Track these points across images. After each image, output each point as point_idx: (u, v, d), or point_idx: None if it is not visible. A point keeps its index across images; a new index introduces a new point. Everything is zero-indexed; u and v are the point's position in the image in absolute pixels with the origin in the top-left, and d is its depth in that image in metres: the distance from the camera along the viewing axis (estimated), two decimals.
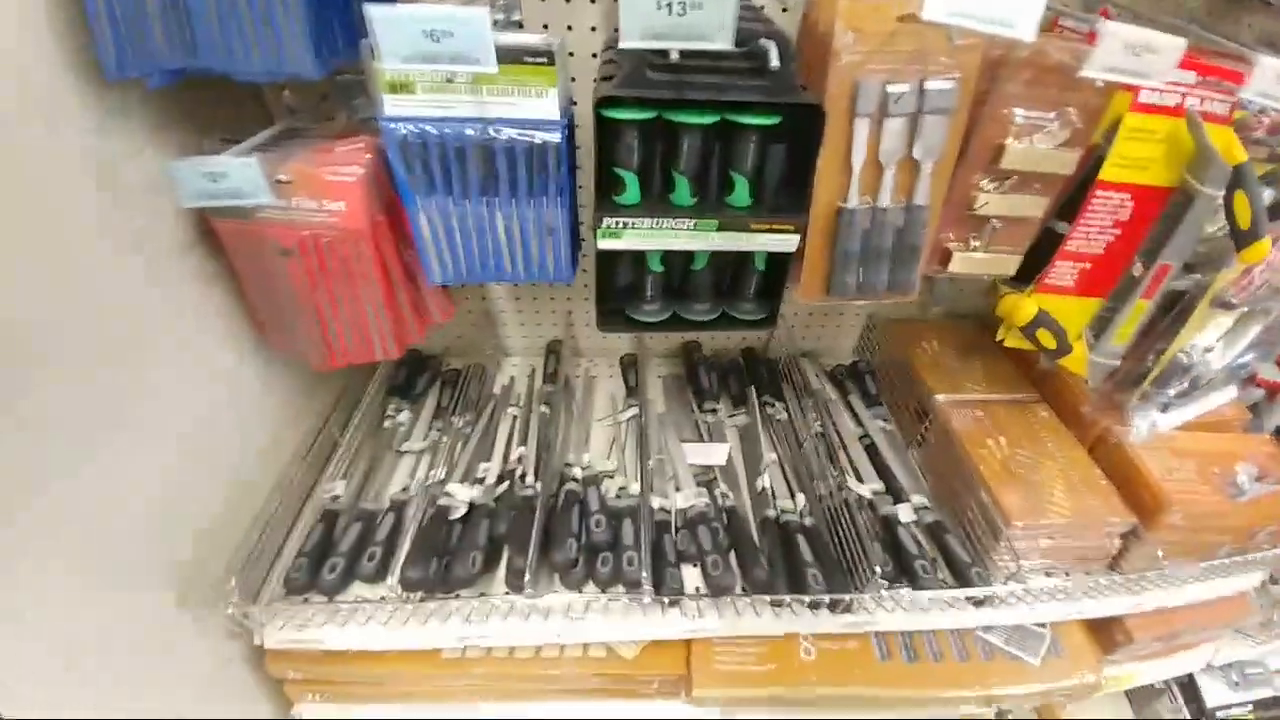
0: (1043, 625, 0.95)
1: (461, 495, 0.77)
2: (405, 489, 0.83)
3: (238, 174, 0.60)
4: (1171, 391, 0.85)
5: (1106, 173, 0.68)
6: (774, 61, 0.52)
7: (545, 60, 0.55)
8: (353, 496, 0.83)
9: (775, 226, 0.65)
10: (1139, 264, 0.75)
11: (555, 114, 0.58)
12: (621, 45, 0.48)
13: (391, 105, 0.58)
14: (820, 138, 0.59)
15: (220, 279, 0.71)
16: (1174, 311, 0.80)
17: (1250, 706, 1.18)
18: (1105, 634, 1.00)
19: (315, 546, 0.76)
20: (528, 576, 0.68)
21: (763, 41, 0.54)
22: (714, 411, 1.01)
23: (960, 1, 0.45)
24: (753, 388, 1.04)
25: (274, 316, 0.74)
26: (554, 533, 0.75)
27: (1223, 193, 0.65)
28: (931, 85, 0.62)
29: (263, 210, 0.63)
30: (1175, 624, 0.99)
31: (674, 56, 0.51)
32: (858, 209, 0.66)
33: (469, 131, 0.58)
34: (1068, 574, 0.86)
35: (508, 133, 0.58)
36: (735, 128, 0.61)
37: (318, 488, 0.85)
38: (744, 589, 0.74)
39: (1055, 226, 0.77)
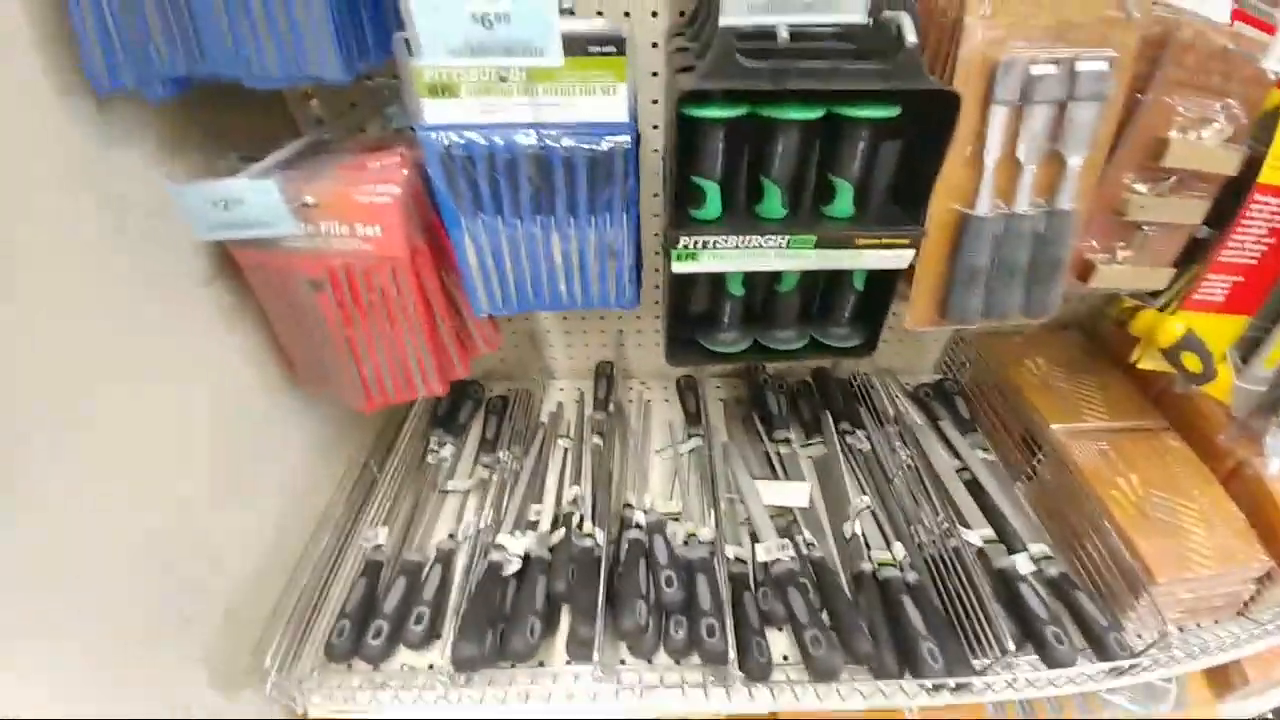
0: (1169, 680, 0.83)
1: (514, 548, 0.69)
2: (452, 535, 0.75)
3: (254, 199, 0.51)
4: None
5: (1266, 175, 0.56)
6: (910, 37, 0.41)
7: (614, 50, 0.46)
8: (396, 545, 0.75)
9: (886, 240, 0.54)
10: None
11: (624, 114, 0.48)
12: (722, 22, 0.37)
13: (432, 111, 0.49)
14: (951, 132, 0.48)
15: (244, 315, 0.63)
16: None
17: None
18: (1221, 677, 0.88)
19: (358, 606, 0.68)
20: (596, 654, 0.59)
21: (888, 14, 0.43)
22: (786, 441, 0.90)
23: None
24: (827, 413, 0.93)
25: (305, 355, 0.67)
26: (619, 591, 0.66)
27: None
28: (1083, 66, 0.50)
29: (287, 238, 0.55)
30: None
31: (783, 36, 0.40)
32: (989, 216, 0.55)
33: (522, 140, 0.48)
34: (1199, 625, 0.74)
35: (568, 140, 0.49)
36: (842, 122, 0.50)
37: (357, 534, 0.77)
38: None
39: (1197, 233, 0.64)
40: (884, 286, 0.61)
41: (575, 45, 0.45)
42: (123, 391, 0.50)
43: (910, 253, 0.55)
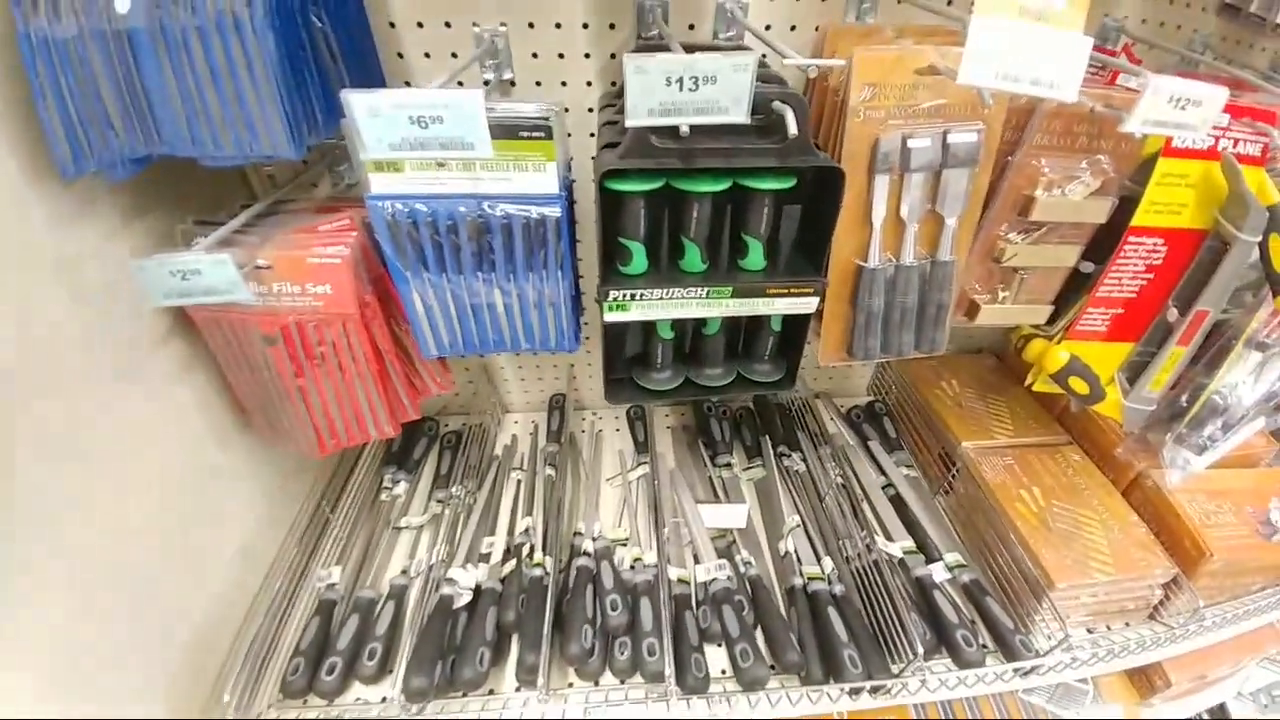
0: (1085, 680, 0.90)
1: (465, 580, 0.72)
2: (405, 571, 0.78)
3: (211, 271, 0.53)
4: (1206, 432, 0.81)
5: (1140, 219, 0.65)
6: (792, 129, 0.48)
7: (543, 134, 0.51)
8: (349, 583, 0.78)
9: (793, 290, 0.61)
10: (1173, 310, 0.71)
11: (554, 188, 0.54)
12: (629, 123, 0.43)
13: (378, 184, 0.54)
14: (839, 200, 0.55)
15: (199, 367, 0.66)
16: (1210, 353, 0.77)
17: None
18: (1143, 680, 0.95)
19: (312, 643, 0.70)
20: (541, 678, 0.63)
21: (777, 105, 0.50)
22: (729, 466, 0.96)
23: (1000, 64, 0.41)
24: (767, 437, 0.99)
25: (259, 404, 0.69)
26: (567, 618, 0.70)
27: (1259, 239, 0.62)
28: (955, 138, 0.58)
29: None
30: (1211, 662, 0.95)
31: (684, 131, 0.47)
32: (879, 268, 0.62)
33: (462, 208, 0.54)
34: (1109, 627, 0.82)
35: (504, 208, 0.54)
36: (748, 191, 0.57)
37: (311, 573, 0.80)
38: (772, 667, 0.69)
39: (1081, 266, 0.73)
40: (798, 328, 0.68)
41: (508, 130, 0.51)
42: (79, 450, 0.53)
43: (815, 299, 0.62)
